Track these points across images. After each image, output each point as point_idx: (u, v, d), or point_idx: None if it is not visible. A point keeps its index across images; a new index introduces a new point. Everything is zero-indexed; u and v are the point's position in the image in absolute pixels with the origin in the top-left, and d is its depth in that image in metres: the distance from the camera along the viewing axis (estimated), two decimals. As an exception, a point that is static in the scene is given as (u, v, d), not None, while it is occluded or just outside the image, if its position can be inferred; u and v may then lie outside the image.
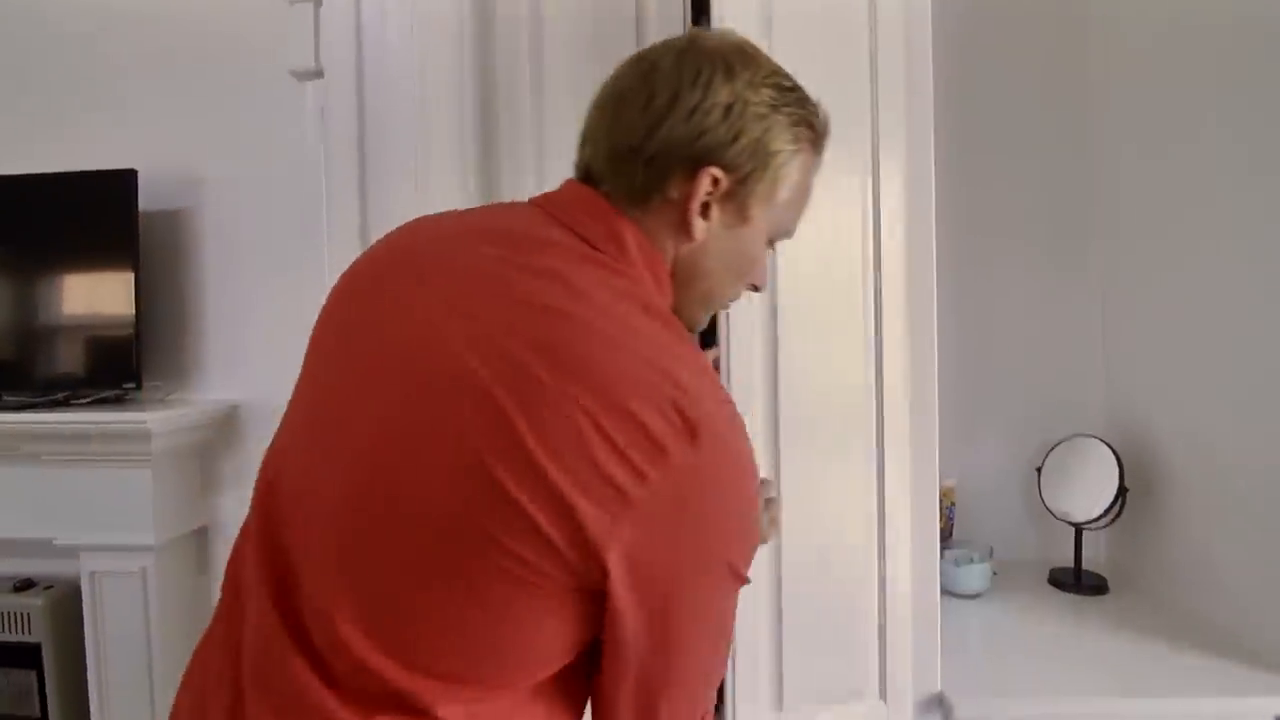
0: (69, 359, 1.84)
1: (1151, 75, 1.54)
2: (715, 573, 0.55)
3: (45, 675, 1.76)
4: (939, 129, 1.16)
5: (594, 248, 0.58)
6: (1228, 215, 1.33)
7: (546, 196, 0.64)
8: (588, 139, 0.64)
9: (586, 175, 0.64)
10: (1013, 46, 1.73)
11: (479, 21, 1.22)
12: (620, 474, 0.48)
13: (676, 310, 0.62)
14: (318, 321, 0.65)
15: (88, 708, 1.73)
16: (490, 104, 1.23)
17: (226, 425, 1.85)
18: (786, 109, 0.61)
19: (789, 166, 0.62)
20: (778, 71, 0.63)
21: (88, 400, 1.73)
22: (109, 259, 1.79)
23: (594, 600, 0.52)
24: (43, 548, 1.73)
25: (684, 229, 0.60)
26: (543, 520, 0.48)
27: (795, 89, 0.63)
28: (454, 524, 0.50)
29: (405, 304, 0.57)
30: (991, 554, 1.54)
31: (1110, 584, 1.56)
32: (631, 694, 0.57)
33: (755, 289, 0.71)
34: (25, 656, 1.76)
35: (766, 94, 0.60)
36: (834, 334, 1.13)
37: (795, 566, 1.11)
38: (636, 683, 0.56)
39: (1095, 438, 1.56)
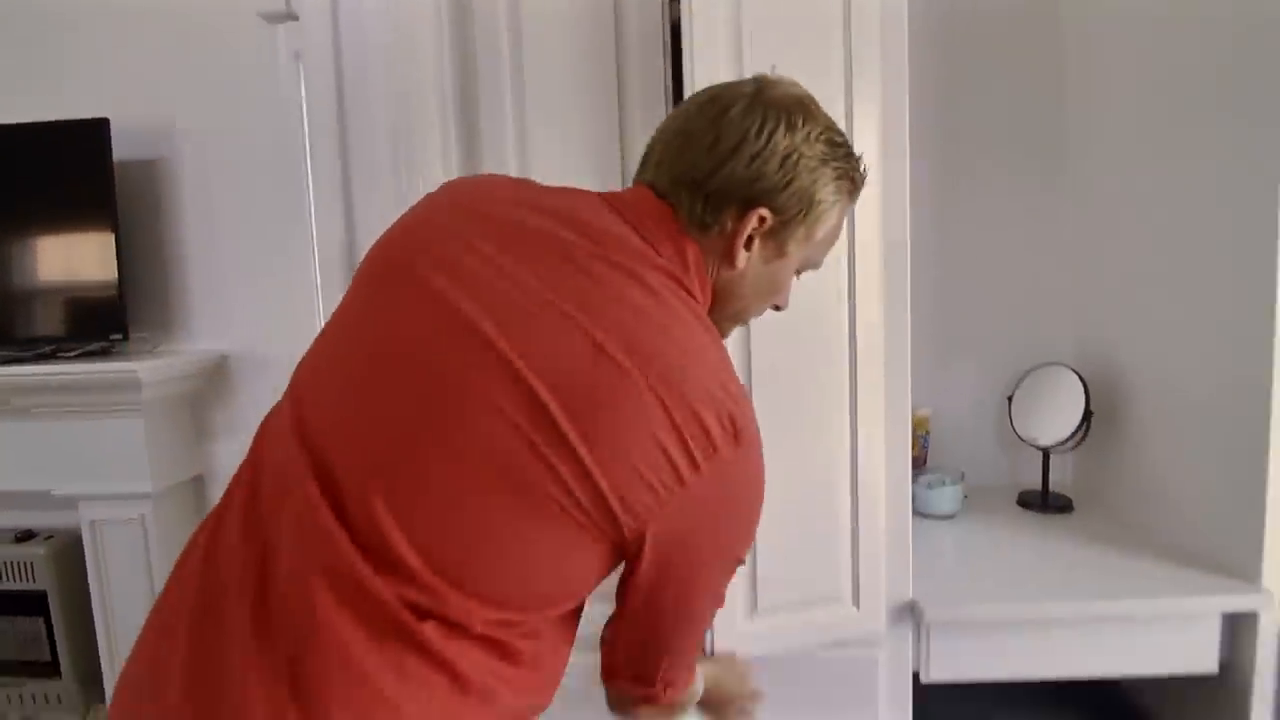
0: (51, 315, 1.84)
1: (1127, 5, 1.55)
2: (729, 553, 0.67)
3: (53, 621, 1.81)
4: (914, 64, 1.18)
5: (659, 255, 0.64)
6: (1198, 151, 1.36)
7: (615, 195, 0.70)
8: (655, 160, 0.70)
9: (651, 188, 0.69)
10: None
11: (454, -44, 1.21)
12: (681, 463, 0.57)
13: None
14: (373, 255, 0.67)
15: (96, 651, 1.79)
16: (468, 45, 1.23)
17: (217, 375, 1.86)
18: (835, 164, 0.68)
19: (829, 213, 0.70)
20: (831, 128, 0.69)
21: (75, 353, 1.73)
22: (86, 212, 1.77)
23: (620, 555, 0.61)
24: (41, 499, 1.76)
25: (728, 257, 0.68)
26: (605, 485, 0.56)
27: (844, 145, 0.70)
28: (513, 475, 0.56)
29: (477, 261, 0.61)
30: (963, 478, 1.61)
31: (1075, 504, 1.64)
32: (639, 644, 0.70)
33: (777, 309, 0.79)
34: (32, 604, 1.81)
35: (820, 149, 0.67)
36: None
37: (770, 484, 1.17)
38: (645, 634, 0.69)
39: (1064, 365, 1.62)
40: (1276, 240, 1.17)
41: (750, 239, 0.67)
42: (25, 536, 1.84)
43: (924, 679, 1.27)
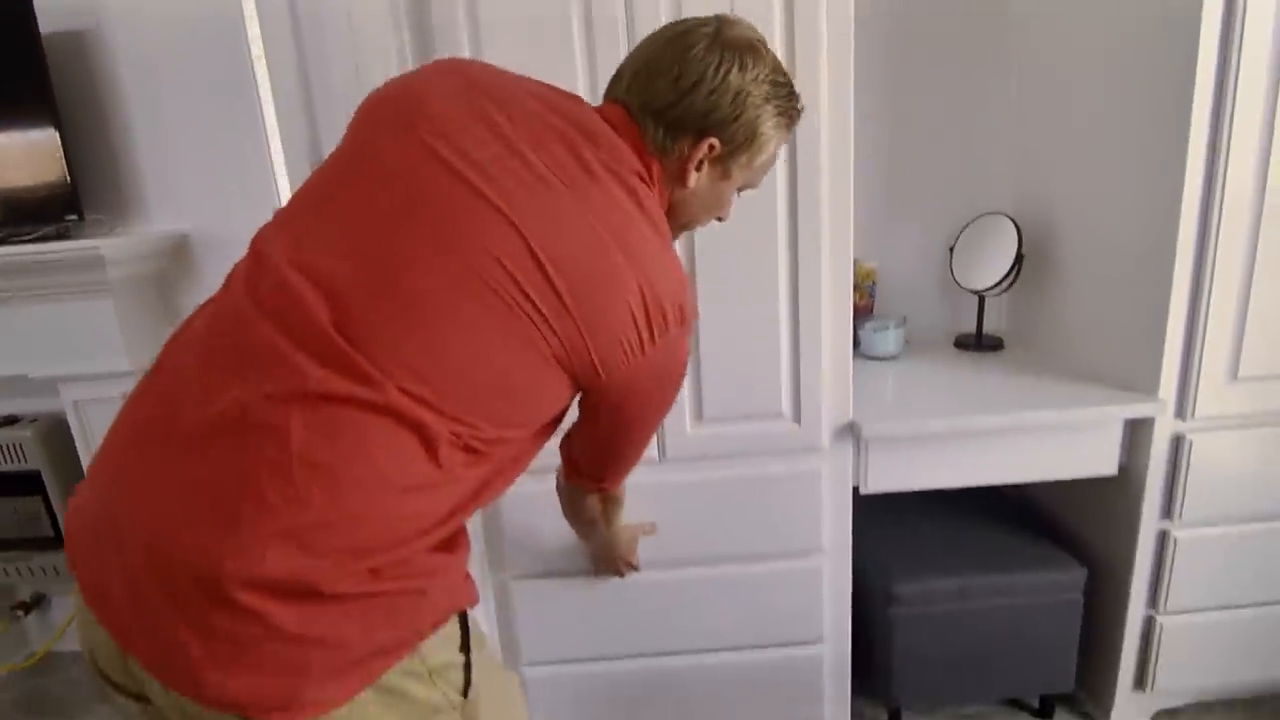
0: None
1: None
2: (666, 399, 0.87)
3: (50, 499, 1.89)
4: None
5: (637, 167, 0.75)
6: (1124, 23, 1.40)
7: (600, 109, 0.79)
8: (625, 83, 0.80)
9: (625, 109, 0.79)
10: None
11: None
12: (645, 337, 0.73)
13: None
14: (375, 110, 0.73)
15: (97, 525, 1.88)
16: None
17: (180, 256, 1.87)
18: (777, 102, 0.80)
19: (769, 143, 0.83)
20: (777, 69, 0.80)
21: (31, 236, 1.72)
22: (19, 91, 1.71)
23: (582, 391, 0.77)
24: (22, 385, 1.79)
25: (681, 178, 0.81)
26: (591, 347, 0.70)
27: (787, 85, 0.81)
28: (510, 324, 0.67)
29: (488, 132, 0.68)
30: (905, 322, 1.73)
31: (1006, 343, 1.79)
32: (596, 455, 0.96)
33: (720, 220, 0.92)
34: (28, 484, 1.88)
35: (765, 89, 0.78)
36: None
37: (713, 314, 1.27)
38: (597, 449, 0.93)
39: (1001, 214, 1.71)
40: (1190, 104, 1.26)
41: (700, 163, 0.80)
42: (9, 421, 1.89)
43: (863, 490, 1.42)
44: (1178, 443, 1.40)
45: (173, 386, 0.65)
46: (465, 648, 0.72)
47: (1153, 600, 1.50)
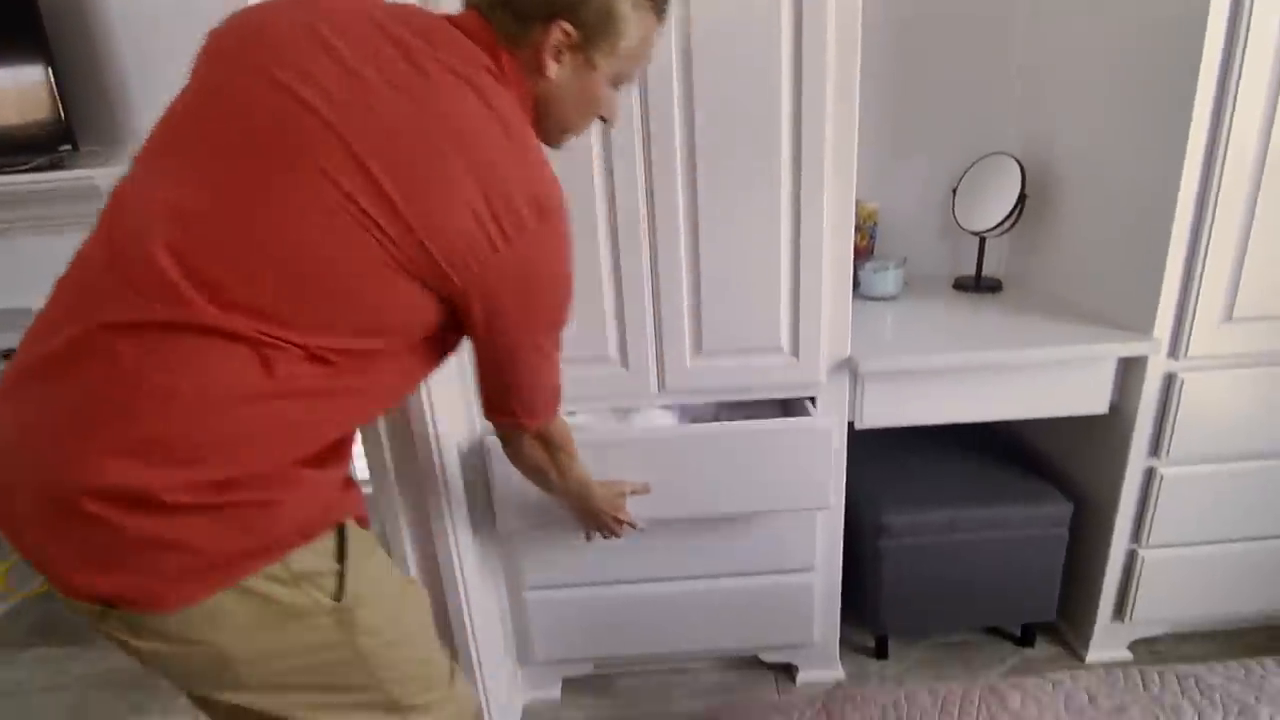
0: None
1: None
2: (544, 315, 0.80)
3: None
4: None
5: (484, 61, 0.72)
6: None
7: (450, 14, 0.77)
8: None
9: (477, 9, 0.76)
10: None
11: None
12: (495, 234, 0.69)
13: (540, 135, 0.80)
14: (216, 43, 0.72)
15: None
16: None
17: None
18: None
19: (630, 28, 0.78)
20: None
21: (26, 166, 1.71)
22: (9, 29, 1.67)
23: (451, 306, 0.74)
24: (24, 318, 1.79)
25: (539, 68, 0.76)
26: (433, 248, 0.68)
27: None
28: (345, 236, 0.66)
29: (319, 50, 0.67)
30: (905, 263, 1.74)
31: (1005, 285, 1.79)
32: (492, 384, 0.87)
33: (604, 120, 0.88)
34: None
35: None
36: (754, 60, 1.18)
37: (715, 247, 1.27)
38: (495, 373, 0.85)
39: (1006, 154, 1.70)
40: (1200, 46, 1.24)
41: (559, 52, 0.76)
42: (9, 355, 1.90)
43: (858, 426, 1.45)
44: (1169, 381, 1.42)
45: (38, 326, 0.69)
46: (341, 557, 0.74)
47: (1136, 534, 1.54)
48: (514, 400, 0.89)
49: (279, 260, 0.65)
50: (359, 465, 1.36)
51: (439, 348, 0.81)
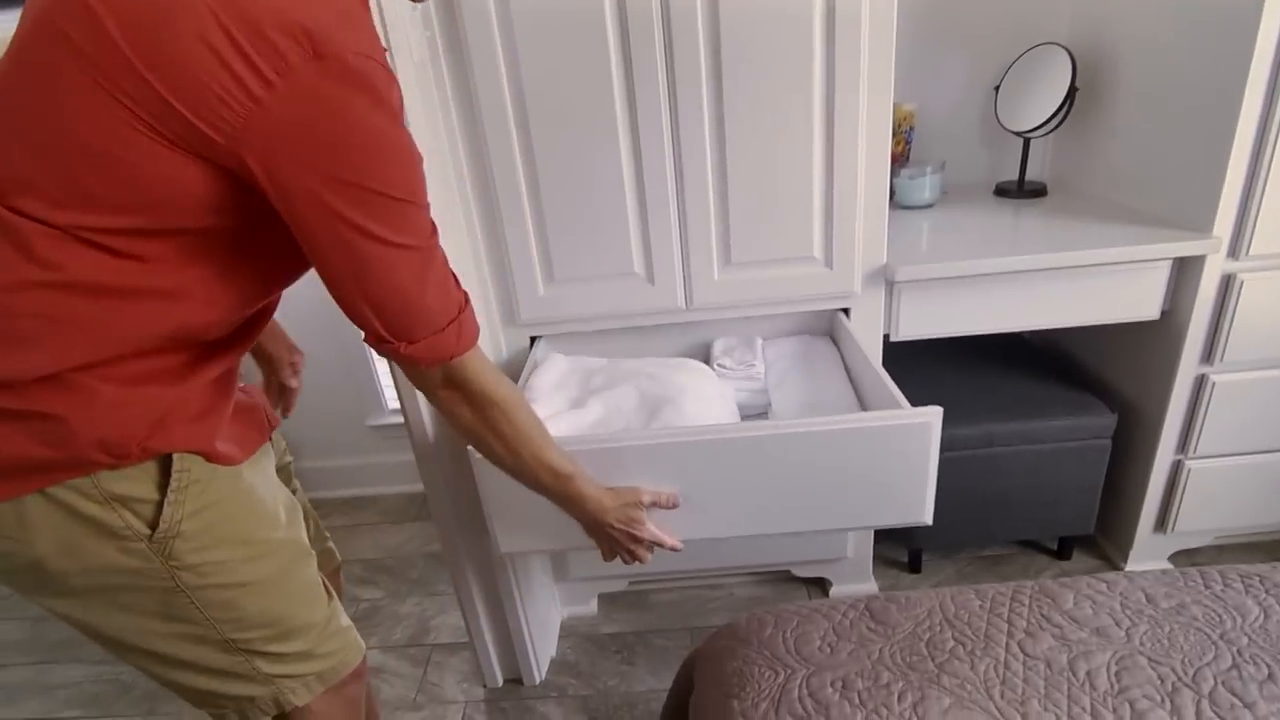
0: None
1: None
2: (359, 186, 0.63)
3: None
4: None
5: None
6: None
7: None
8: None
9: None
10: None
11: None
12: (250, 78, 0.57)
13: None
14: None
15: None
16: None
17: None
18: None
19: None
20: None
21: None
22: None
23: (231, 177, 0.62)
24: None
25: None
26: (175, 101, 0.57)
27: None
28: (84, 96, 0.58)
29: None
30: (943, 168, 1.64)
31: (1050, 189, 1.69)
32: (345, 300, 0.70)
33: None
34: None
35: None
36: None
37: (743, 155, 1.20)
38: (338, 286, 0.69)
39: (1056, 44, 1.57)
40: None
41: None
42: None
43: (894, 338, 1.40)
44: (1227, 283, 1.35)
45: None
46: (164, 488, 0.71)
47: (1182, 445, 1.49)
48: (376, 317, 0.71)
49: (21, 129, 0.60)
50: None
51: (254, 247, 0.70)
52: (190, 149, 0.60)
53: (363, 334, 0.74)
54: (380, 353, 0.76)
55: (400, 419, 1.39)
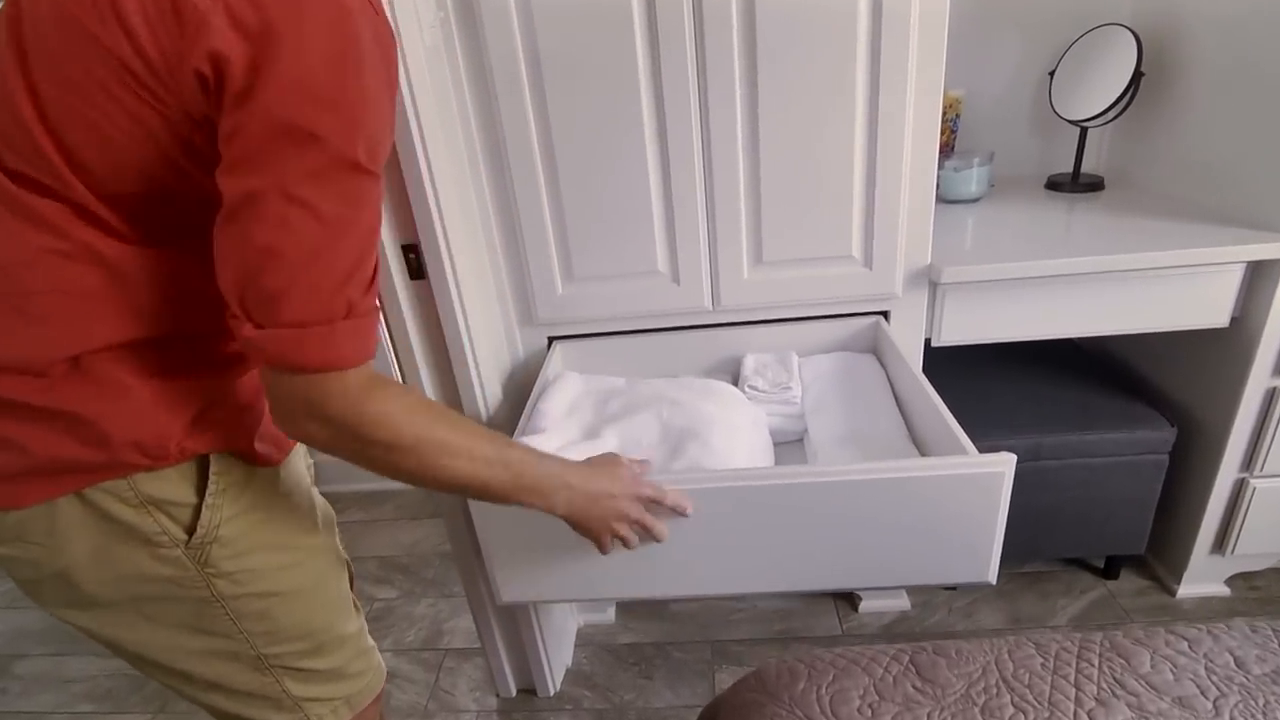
0: None
1: None
2: (302, 134, 0.52)
3: None
4: None
5: None
6: None
7: None
8: None
9: None
10: None
11: None
12: None
13: None
14: None
15: None
16: None
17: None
18: None
19: None
20: None
21: None
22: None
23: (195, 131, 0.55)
24: None
25: None
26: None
27: None
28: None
29: None
30: (991, 160, 1.53)
31: (1107, 182, 1.57)
32: (224, 270, 0.56)
33: None
34: None
35: None
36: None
37: (780, 146, 1.11)
38: (224, 253, 0.55)
39: (1119, 25, 1.45)
40: None
41: None
42: None
43: (936, 343, 1.31)
44: (1307, 289, 1.23)
45: None
46: (201, 490, 0.66)
47: (1248, 462, 1.38)
48: (245, 289, 0.55)
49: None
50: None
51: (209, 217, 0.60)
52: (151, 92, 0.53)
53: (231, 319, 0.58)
54: (244, 340, 0.57)
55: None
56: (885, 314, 1.27)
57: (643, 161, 1.14)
